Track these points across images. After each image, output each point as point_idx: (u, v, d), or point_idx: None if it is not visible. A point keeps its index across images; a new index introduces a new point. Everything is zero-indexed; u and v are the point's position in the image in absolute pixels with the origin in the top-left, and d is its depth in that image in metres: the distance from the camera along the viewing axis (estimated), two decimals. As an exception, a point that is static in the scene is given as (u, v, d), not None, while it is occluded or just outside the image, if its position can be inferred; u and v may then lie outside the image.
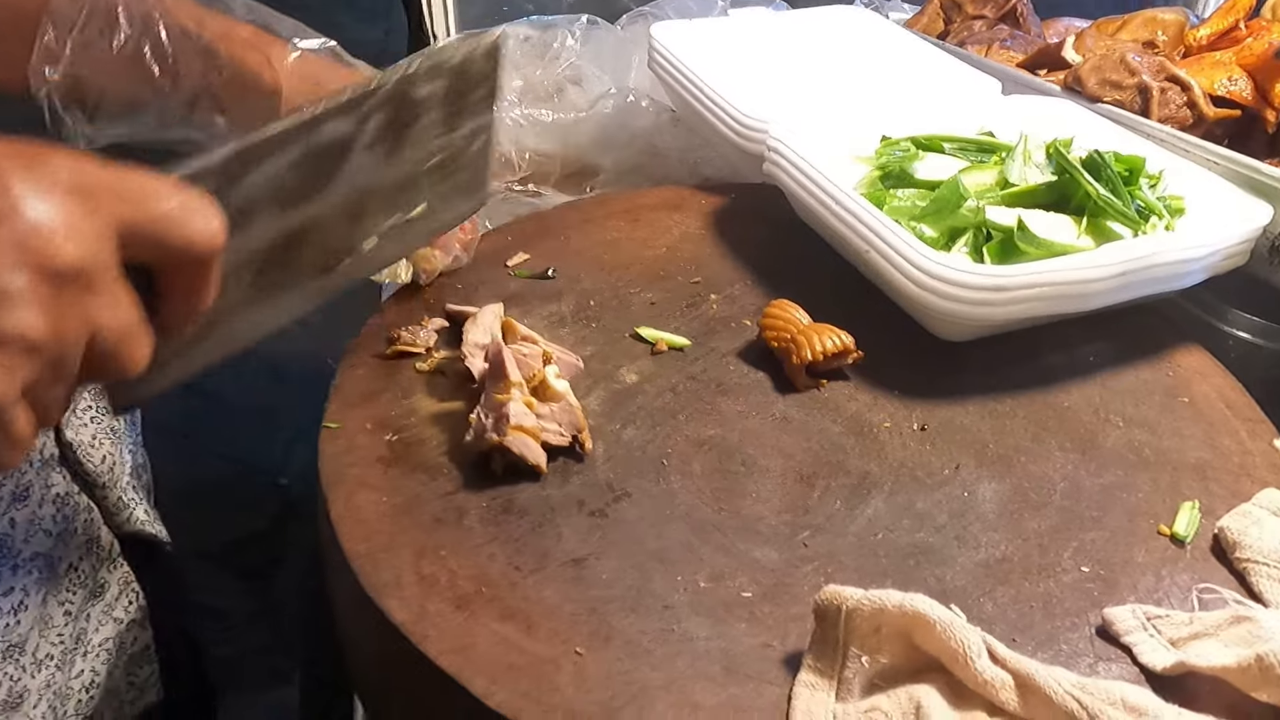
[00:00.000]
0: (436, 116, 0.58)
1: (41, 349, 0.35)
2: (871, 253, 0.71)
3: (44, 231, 0.35)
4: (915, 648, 0.48)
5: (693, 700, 0.48)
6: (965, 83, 0.95)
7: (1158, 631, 0.51)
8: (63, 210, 0.35)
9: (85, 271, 0.36)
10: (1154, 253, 0.67)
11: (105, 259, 0.37)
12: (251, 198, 0.47)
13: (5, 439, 0.37)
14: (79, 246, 0.35)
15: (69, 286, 0.36)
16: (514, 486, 0.59)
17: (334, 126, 0.51)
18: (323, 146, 0.51)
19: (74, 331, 0.36)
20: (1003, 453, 0.64)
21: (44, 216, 0.35)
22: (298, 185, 0.50)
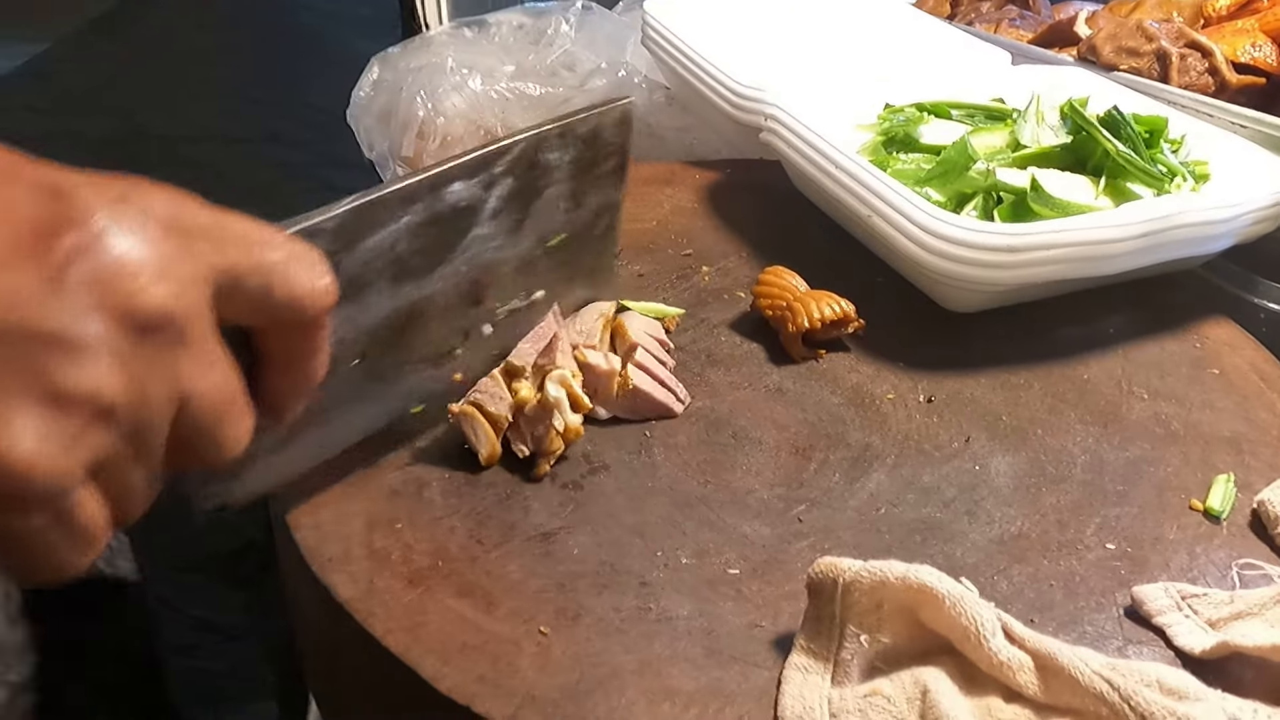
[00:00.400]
0: (564, 189, 0.53)
1: (118, 414, 0.28)
2: (874, 217, 0.66)
3: (129, 270, 0.28)
4: (921, 626, 0.43)
5: (668, 684, 0.42)
6: (973, 54, 0.91)
7: (1194, 611, 0.46)
8: (154, 248, 0.29)
9: (175, 321, 0.29)
10: (1179, 212, 0.62)
11: (200, 309, 0.30)
12: (367, 265, 0.43)
13: (68, 533, 0.29)
14: (169, 290, 0.29)
15: (154, 338, 0.29)
16: (477, 462, 0.54)
17: (459, 189, 0.46)
18: (446, 211, 0.46)
19: (159, 395, 0.29)
20: (1017, 425, 0.59)
21: (130, 253, 0.28)
22: (416, 255, 0.45)
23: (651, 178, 0.85)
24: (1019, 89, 0.80)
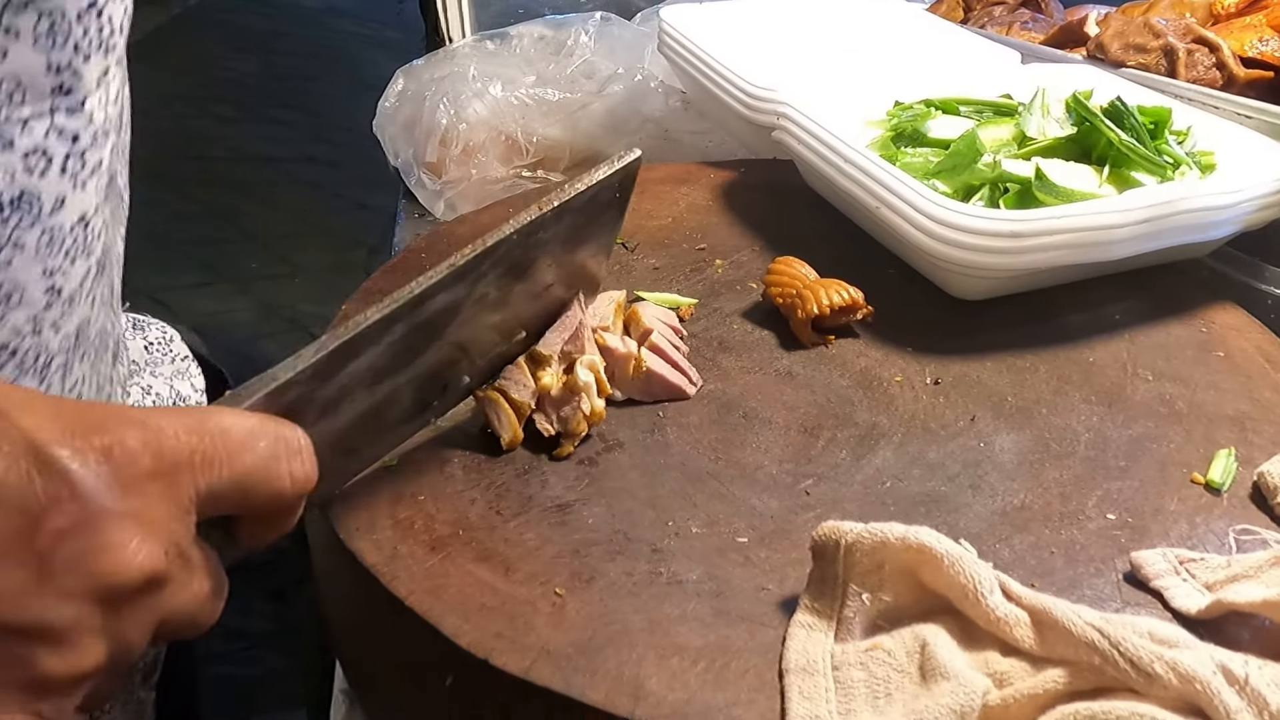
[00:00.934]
0: (556, 252, 0.52)
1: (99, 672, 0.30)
2: (882, 209, 0.68)
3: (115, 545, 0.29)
4: (922, 586, 0.44)
5: (677, 641, 0.44)
6: (983, 55, 0.92)
7: (1191, 575, 0.47)
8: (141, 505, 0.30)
9: (160, 575, 0.30)
10: (1182, 198, 0.63)
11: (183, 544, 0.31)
12: (343, 388, 0.43)
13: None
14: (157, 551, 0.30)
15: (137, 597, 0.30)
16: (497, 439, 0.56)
17: (443, 298, 0.46)
18: (429, 318, 0.46)
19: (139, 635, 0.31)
20: (1022, 405, 0.60)
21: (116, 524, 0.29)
22: (397, 360, 0.46)
23: (667, 177, 0.88)
24: (1027, 86, 0.81)
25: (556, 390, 0.54)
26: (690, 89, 1.01)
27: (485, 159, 0.99)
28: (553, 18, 1.26)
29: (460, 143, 0.99)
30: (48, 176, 0.45)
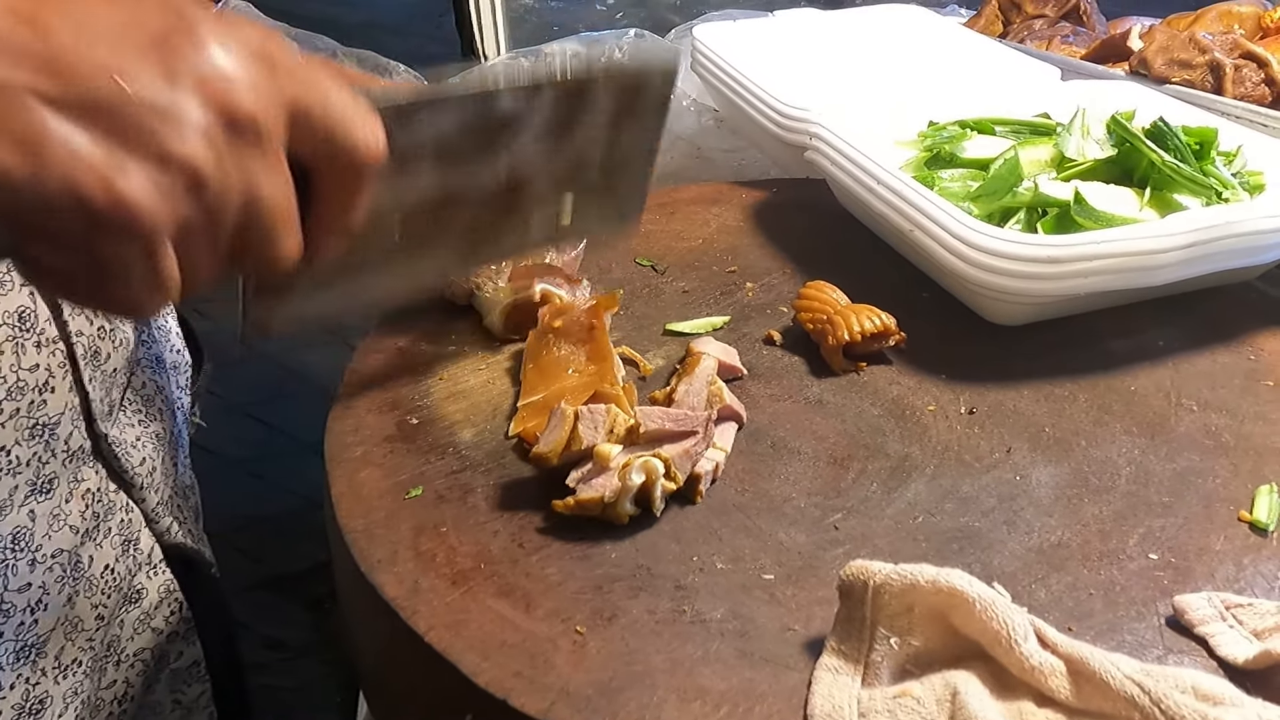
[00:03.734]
0: (603, 123, 0.56)
1: (204, 187, 0.34)
2: (916, 232, 0.66)
3: (227, 75, 0.34)
4: (952, 630, 0.43)
5: (700, 684, 0.43)
6: (1021, 71, 0.91)
7: (1238, 621, 0.45)
8: (248, 66, 0.35)
9: (257, 126, 0.35)
10: (1227, 222, 0.61)
11: (276, 124, 0.36)
12: (417, 146, 0.47)
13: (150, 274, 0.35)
14: (255, 100, 0.35)
15: (239, 136, 0.35)
16: (523, 466, 0.56)
17: (509, 102, 0.50)
18: (494, 119, 0.50)
19: (237, 184, 0.35)
20: (1060, 436, 0.58)
21: (229, 65, 0.35)
22: (462, 148, 0.50)
23: (699, 197, 0.87)
24: (1067, 104, 0.79)
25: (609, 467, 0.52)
26: (723, 107, 1.00)
27: (517, 179, 0.99)
28: (587, 35, 1.27)
29: (492, 162, 0.99)
30: None
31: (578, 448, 0.52)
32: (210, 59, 0.35)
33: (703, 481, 0.53)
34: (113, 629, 0.60)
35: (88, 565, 0.57)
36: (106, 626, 0.59)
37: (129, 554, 0.61)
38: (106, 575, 0.59)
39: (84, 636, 0.57)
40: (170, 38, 0.34)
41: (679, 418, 0.54)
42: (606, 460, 0.51)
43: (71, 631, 0.56)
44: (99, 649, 0.58)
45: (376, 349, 0.67)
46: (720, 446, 0.56)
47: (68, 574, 0.55)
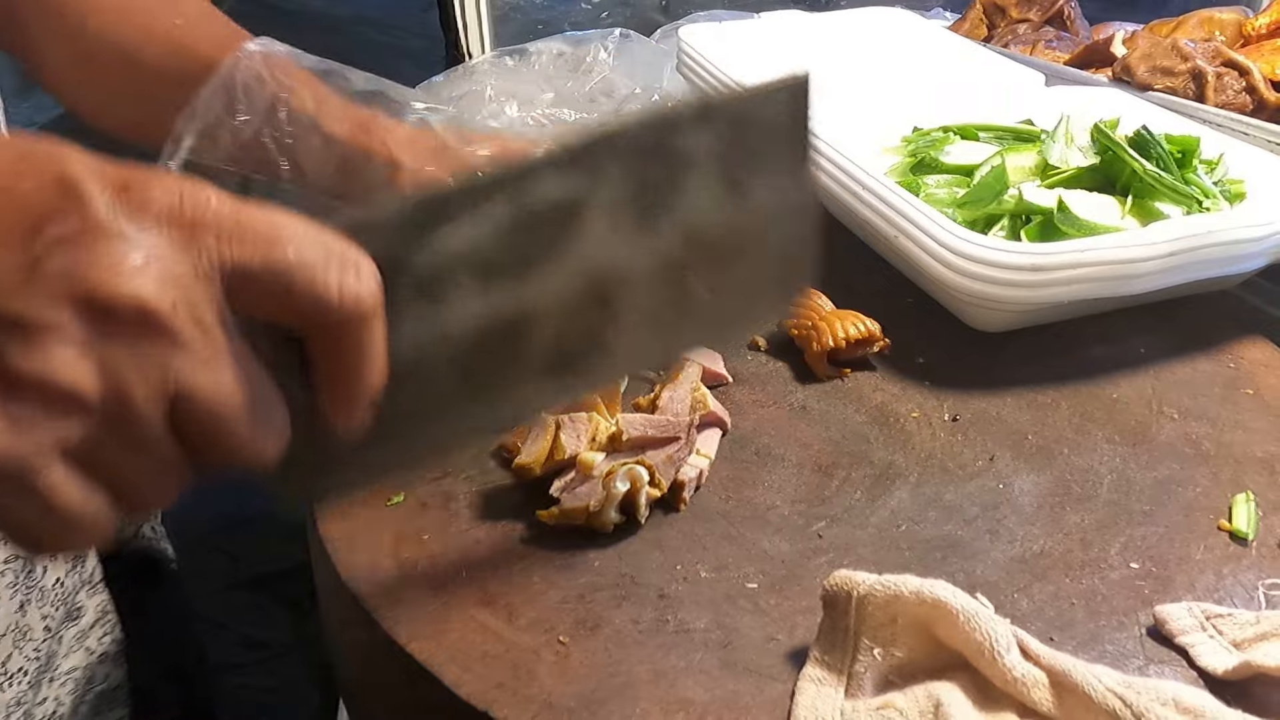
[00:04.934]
0: (712, 180, 0.44)
1: (85, 402, 0.28)
2: (900, 238, 0.66)
3: (105, 260, 0.28)
4: (936, 641, 0.43)
5: (683, 695, 0.43)
6: (1005, 76, 0.91)
7: (1218, 632, 0.45)
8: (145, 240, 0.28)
9: (155, 315, 0.28)
10: (1209, 231, 0.62)
11: (194, 303, 0.29)
12: (443, 264, 0.38)
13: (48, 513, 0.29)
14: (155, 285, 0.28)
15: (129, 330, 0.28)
16: (505, 474, 0.55)
17: (552, 183, 0.40)
18: (539, 207, 0.40)
19: (141, 388, 0.29)
20: (1043, 444, 0.58)
21: (113, 244, 0.28)
22: (508, 254, 0.40)
23: (684, 201, 0.87)
24: (1050, 110, 0.80)
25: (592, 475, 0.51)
26: (708, 109, 1.00)
27: (501, 179, 0.99)
28: (572, 34, 1.26)
29: (476, 163, 0.99)
30: None
31: (560, 457, 0.52)
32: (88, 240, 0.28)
33: (687, 489, 0.53)
34: (53, 643, 0.59)
35: (40, 575, 0.56)
36: (51, 639, 0.58)
37: (76, 570, 0.60)
38: (56, 588, 0.58)
39: (31, 646, 0.56)
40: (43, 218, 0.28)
41: (662, 424, 0.54)
42: (590, 469, 0.51)
43: (20, 640, 0.55)
44: (42, 661, 0.58)
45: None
46: (704, 453, 0.55)
47: (20, 581, 0.55)
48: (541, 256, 0.41)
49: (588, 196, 0.40)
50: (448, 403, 0.41)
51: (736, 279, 0.47)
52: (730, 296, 0.47)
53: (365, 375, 0.34)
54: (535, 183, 0.39)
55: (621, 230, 0.42)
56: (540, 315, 0.41)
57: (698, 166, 0.43)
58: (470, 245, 0.38)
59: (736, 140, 0.43)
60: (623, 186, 0.41)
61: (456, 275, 0.38)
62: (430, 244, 0.37)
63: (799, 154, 0.46)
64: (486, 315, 0.40)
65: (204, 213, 0.30)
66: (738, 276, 0.47)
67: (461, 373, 0.40)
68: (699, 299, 0.46)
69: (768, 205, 0.46)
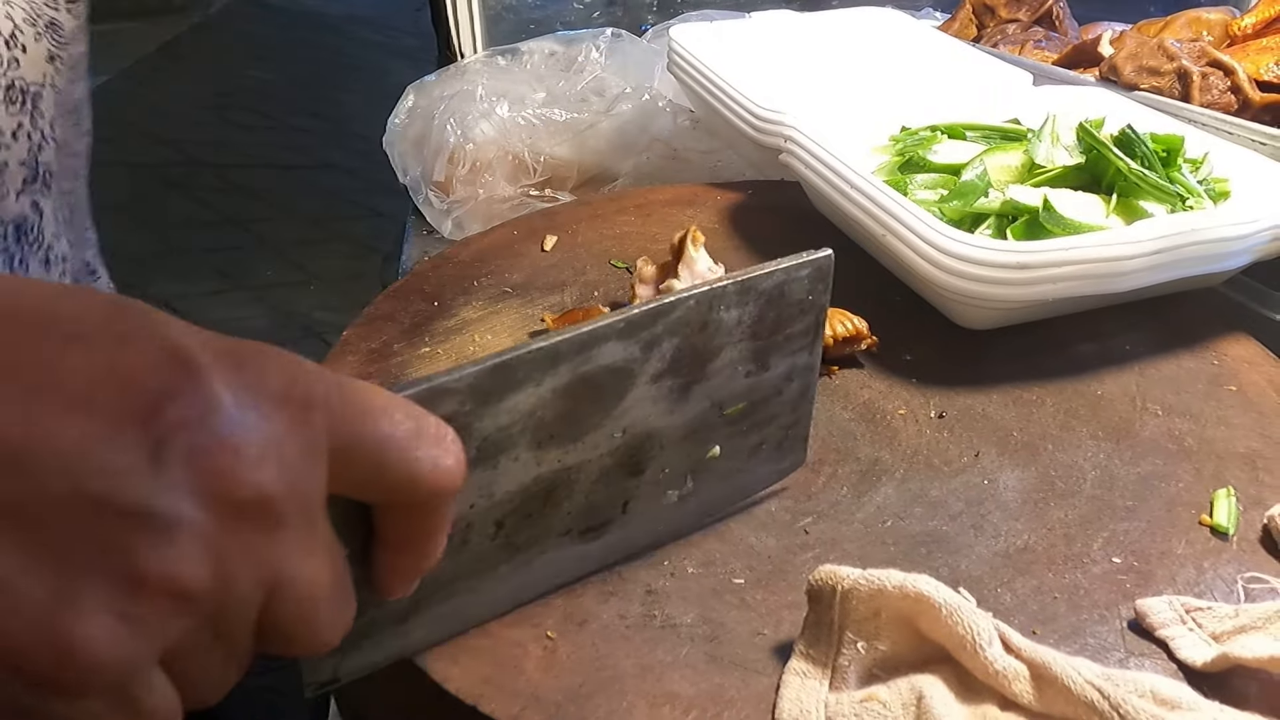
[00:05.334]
0: (744, 350, 0.47)
1: (198, 600, 0.26)
2: (888, 236, 0.67)
3: (231, 448, 0.26)
4: (919, 635, 0.43)
5: (669, 689, 0.43)
6: (994, 76, 0.91)
7: (1198, 625, 0.46)
8: (263, 423, 0.27)
9: (275, 505, 0.27)
10: (1194, 229, 0.62)
11: (307, 489, 0.28)
12: (503, 429, 0.39)
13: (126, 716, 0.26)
14: (273, 473, 0.27)
15: (250, 522, 0.27)
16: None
17: (612, 350, 0.42)
18: (597, 373, 0.42)
19: (247, 581, 0.27)
20: (1028, 441, 0.59)
21: (236, 430, 0.26)
22: (562, 419, 0.42)
23: (675, 199, 0.87)
24: (1038, 109, 0.80)
25: None
26: (699, 109, 1.01)
27: (492, 178, 0.99)
28: (564, 34, 1.26)
29: (467, 162, 0.99)
30: None
31: None
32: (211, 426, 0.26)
33: None
34: None
35: None
36: None
37: None
38: None
39: None
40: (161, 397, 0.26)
41: None
42: None
43: None
44: None
45: (351, 350, 0.66)
46: None
47: None
48: (593, 423, 0.43)
49: (640, 365, 0.43)
50: (484, 567, 0.42)
51: (746, 442, 0.50)
52: (739, 460, 0.50)
53: (433, 549, 0.34)
54: (597, 350, 0.41)
55: (662, 397, 0.45)
56: (579, 478, 0.44)
57: (732, 337, 0.46)
58: (531, 410, 0.40)
59: (766, 312, 0.47)
60: (671, 355, 0.44)
61: (515, 439, 0.40)
62: (496, 409, 0.38)
63: (815, 324, 0.49)
64: (531, 478, 0.41)
65: (314, 390, 0.29)
66: (747, 439, 0.50)
67: (496, 536, 0.42)
68: (714, 463, 0.49)
69: (782, 370, 0.49)
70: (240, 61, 4.56)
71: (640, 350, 0.43)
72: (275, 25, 4.83)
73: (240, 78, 4.44)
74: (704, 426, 0.48)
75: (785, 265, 0.47)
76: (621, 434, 0.44)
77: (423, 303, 0.71)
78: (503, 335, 0.68)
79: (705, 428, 0.48)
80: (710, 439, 0.49)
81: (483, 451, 0.38)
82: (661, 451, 0.47)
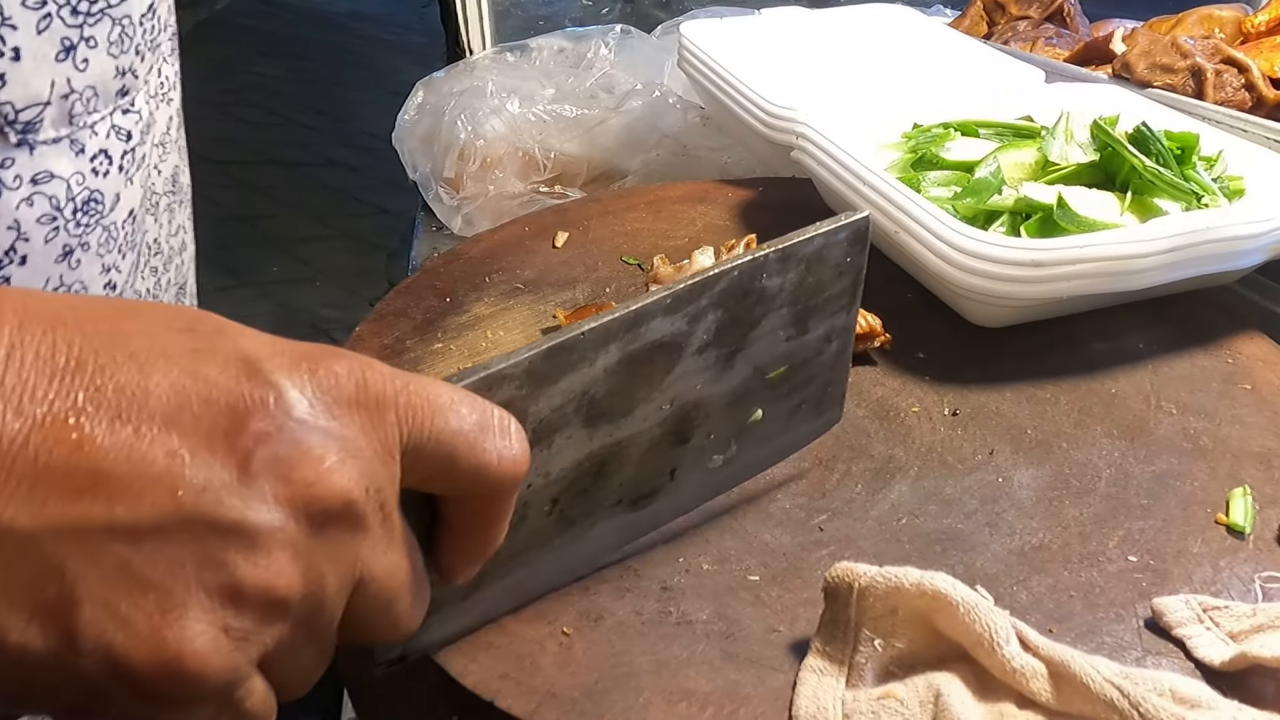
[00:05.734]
0: (785, 316, 0.47)
1: (292, 606, 0.27)
2: (901, 233, 0.67)
3: (314, 455, 0.27)
4: (936, 632, 0.43)
5: (685, 685, 0.43)
6: (1005, 73, 0.91)
7: (1215, 624, 0.46)
8: (339, 427, 0.28)
9: (357, 508, 0.28)
10: (1209, 227, 0.62)
11: (384, 488, 0.29)
12: (557, 410, 0.40)
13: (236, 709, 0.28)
14: (353, 477, 0.28)
15: (336, 526, 0.28)
16: (511, 465, 0.56)
17: (660, 325, 0.42)
18: (646, 349, 0.42)
19: (336, 582, 0.28)
20: (1042, 439, 0.59)
21: (316, 437, 0.27)
22: (612, 396, 0.42)
23: (685, 196, 0.87)
24: (1050, 107, 0.80)
25: None
26: (709, 105, 1.00)
27: (502, 174, 0.99)
28: (573, 30, 1.26)
29: (478, 158, 0.99)
30: (109, 176, 0.47)
31: None
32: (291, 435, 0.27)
33: None
34: None
35: None
36: None
37: None
38: None
39: None
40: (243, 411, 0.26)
41: None
42: None
43: None
44: None
45: (363, 346, 0.67)
46: None
47: None
48: (641, 397, 0.43)
49: (687, 338, 0.43)
50: (539, 542, 0.42)
51: (787, 403, 0.51)
52: (780, 421, 0.51)
53: (498, 534, 0.35)
54: (646, 327, 0.41)
55: (708, 367, 0.45)
56: (629, 450, 0.44)
57: (774, 304, 0.46)
58: (584, 389, 0.40)
59: (806, 277, 0.47)
60: (715, 326, 0.44)
61: (568, 419, 0.40)
62: (551, 391, 0.39)
63: (854, 285, 0.50)
64: (584, 454, 0.42)
65: (385, 391, 0.29)
66: (789, 401, 0.51)
67: (552, 512, 0.43)
68: (756, 426, 0.49)
69: (821, 332, 0.50)
70: (247, 58, 4.57)
71: (686, 324, 0.43)
72: (282, 21, 4.83)
73: (247, 74, 4.45)
74: (747, 392, 0.48)
75: (824, 230, 0.47)
76: (669, 405, 0.44)
77: (434, 299, 0.71)
78: (515, 331, 0.68)
79: (748, 393, 0.48)
80: (753, 403, 0.49)
81: (538, 433, 0.39)
82: (707, 419, 0.47)
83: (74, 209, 0.45)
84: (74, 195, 0.45)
